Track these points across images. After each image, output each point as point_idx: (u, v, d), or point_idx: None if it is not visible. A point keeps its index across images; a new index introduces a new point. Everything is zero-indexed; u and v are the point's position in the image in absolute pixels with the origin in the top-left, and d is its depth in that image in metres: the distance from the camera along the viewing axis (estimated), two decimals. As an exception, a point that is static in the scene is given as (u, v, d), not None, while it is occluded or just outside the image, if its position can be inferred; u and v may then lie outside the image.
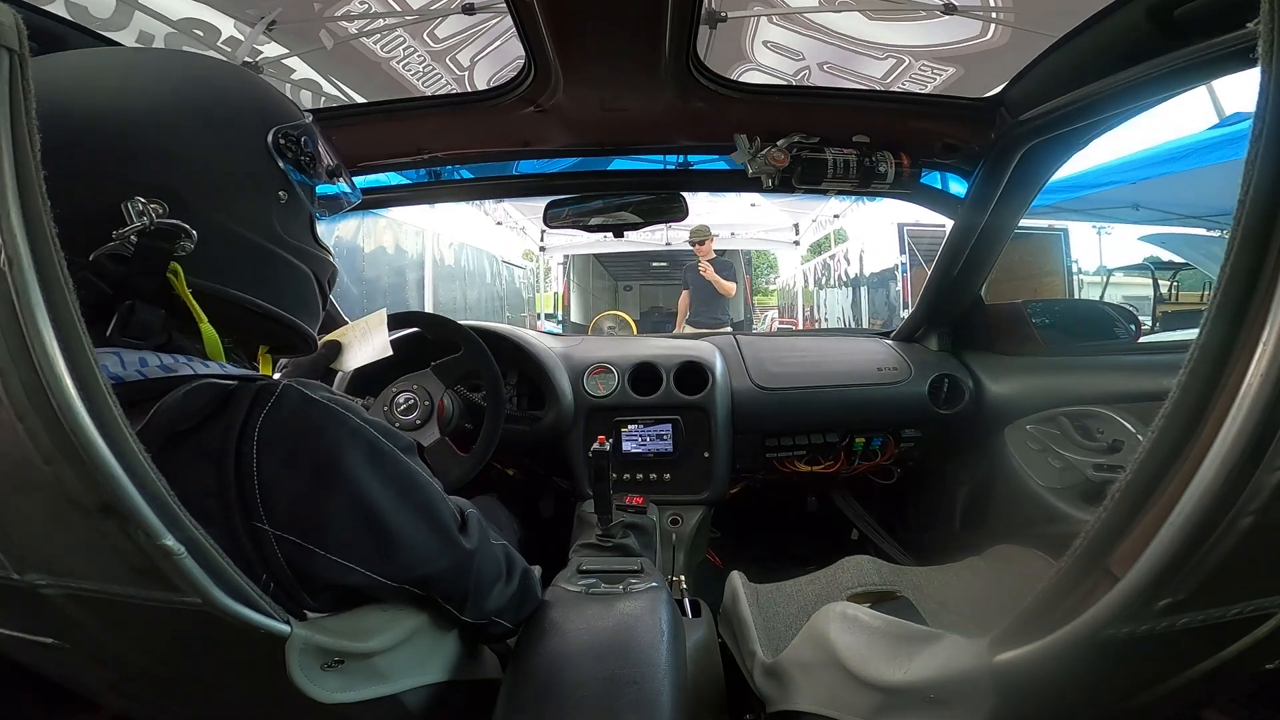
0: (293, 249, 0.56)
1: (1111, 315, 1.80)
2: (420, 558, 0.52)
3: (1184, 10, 0.69)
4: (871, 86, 1.65)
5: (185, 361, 0.47)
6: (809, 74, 1.59)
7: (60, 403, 0.31)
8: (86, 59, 0.51)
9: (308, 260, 0.58)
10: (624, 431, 1.37)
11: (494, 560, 0.64)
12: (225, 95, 0.53)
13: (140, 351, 0.46)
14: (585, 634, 0.68)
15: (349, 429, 0.48)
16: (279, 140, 0.54)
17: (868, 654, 0.58)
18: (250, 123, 0.53)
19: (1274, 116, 0.30)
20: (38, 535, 0.39)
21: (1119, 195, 4.13)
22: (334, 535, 0.46)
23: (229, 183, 0.51)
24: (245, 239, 0.52)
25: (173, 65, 0.52)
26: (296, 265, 0.57)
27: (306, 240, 0.59)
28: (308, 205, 0.60)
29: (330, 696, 0.46)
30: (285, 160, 0.55)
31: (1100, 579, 0.37)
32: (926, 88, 1.59)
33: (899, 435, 1.45)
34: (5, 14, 0.29)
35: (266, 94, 0.57)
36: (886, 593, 0.97)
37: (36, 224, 0.30)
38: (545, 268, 7.31)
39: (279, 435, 0.44)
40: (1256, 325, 0.31)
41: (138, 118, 0.47)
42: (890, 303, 5.86)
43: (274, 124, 0.55)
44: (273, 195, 0.55)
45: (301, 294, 0.58)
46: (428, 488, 0.54)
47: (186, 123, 0.49)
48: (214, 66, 0.56)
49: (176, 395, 0.43)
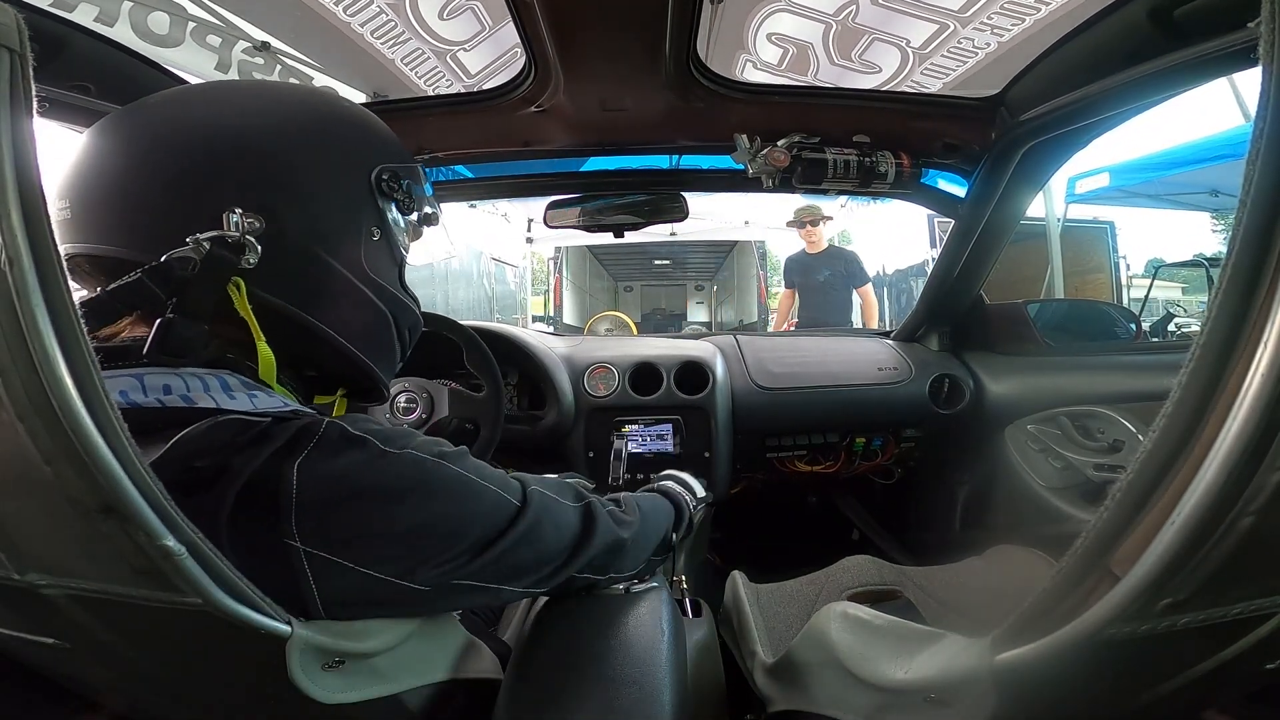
0: (375, 287, 0.56)
1: (1112, 315, 1.80)
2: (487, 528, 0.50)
3: (1184, 10, 0.69)
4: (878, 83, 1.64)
5: (210, 391, 0.46)
6: (816, 66, 1.58)
7: (61, 403, 0.31)
8: (211, 86, 0.55)
9: (389, 302, 0.57)
10: (625, 432, 1.37)
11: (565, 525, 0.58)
12: (337, 124, 0.55)
13: (167, 376, 0.45)
14: (585, 634, 0.68)
15: (390, 457, 0.46)
16: (382, 177, 0.55)
17: (868, 654, 0.58)
18: (357, 154, 0.55)
19: (1275, 116, 0.30)
20: (38, 535, 0.39)
21: (1195, 179, 3.89)
22: (369, 550, 0.45)
23: (326, 209, 0.52)
24: (330, 267, 0.52)
25: (292, 92, 0.56)
26: (376, 305, 0.56)
27: (393, 282, 0.58)
28: (400, 247, 0.59)
29: (331, 696, 0.46)
30: (385, 198, 0.55)
31: (1101, 579, 0.37)
32: (937, 85, 1.58)
33: (899, 435, 1.45)
34: (5, 14, 0.29)
35: (379, 131, 0.58)
36: (887, 592, 0.97)
37: (36, 224, 0.30)
38: (534, 263, 6.91)
39: (320, 469, 0.43)
40: (1258, 325, 0.31)
41: (253, 135, 0.49)
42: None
43: (381, 161, 0.56)
44: (366, 230, 0.55)
45: (378, 335, 0.57)
46: (478, 484, 0.51)
47: (296, 145, 0.51)
48: (332, 98, 0.58)
49: (200, 428, 0.42)
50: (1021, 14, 1.35)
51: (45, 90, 0.30)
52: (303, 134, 0.52)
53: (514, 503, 0.53)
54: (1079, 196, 4.43)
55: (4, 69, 0.29)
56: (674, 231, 5.41)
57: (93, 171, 0.48)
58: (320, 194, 0.51)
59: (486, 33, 1.69)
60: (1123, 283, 5.13)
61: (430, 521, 0.47)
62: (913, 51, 1.58)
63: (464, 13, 1.67)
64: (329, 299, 0.53)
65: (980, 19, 1.45)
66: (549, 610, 0.72)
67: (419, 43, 1.76)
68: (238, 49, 1.71)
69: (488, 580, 0.51)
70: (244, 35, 1.69)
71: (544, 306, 6.95)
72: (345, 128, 0.55)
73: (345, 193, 0.53)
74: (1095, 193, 4.32)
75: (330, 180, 0.52)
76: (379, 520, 0.45)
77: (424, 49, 1.78)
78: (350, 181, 0.54)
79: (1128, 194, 4.31)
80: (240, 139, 0.49)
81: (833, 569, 1.03)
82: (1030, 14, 1.35)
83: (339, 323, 0.53)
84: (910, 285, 5.59)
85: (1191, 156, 3.67)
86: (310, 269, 0.51)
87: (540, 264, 7.30)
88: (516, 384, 1.41)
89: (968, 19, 1.46)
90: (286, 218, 0.49)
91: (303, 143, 0.51)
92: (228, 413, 0.45)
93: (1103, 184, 4.17)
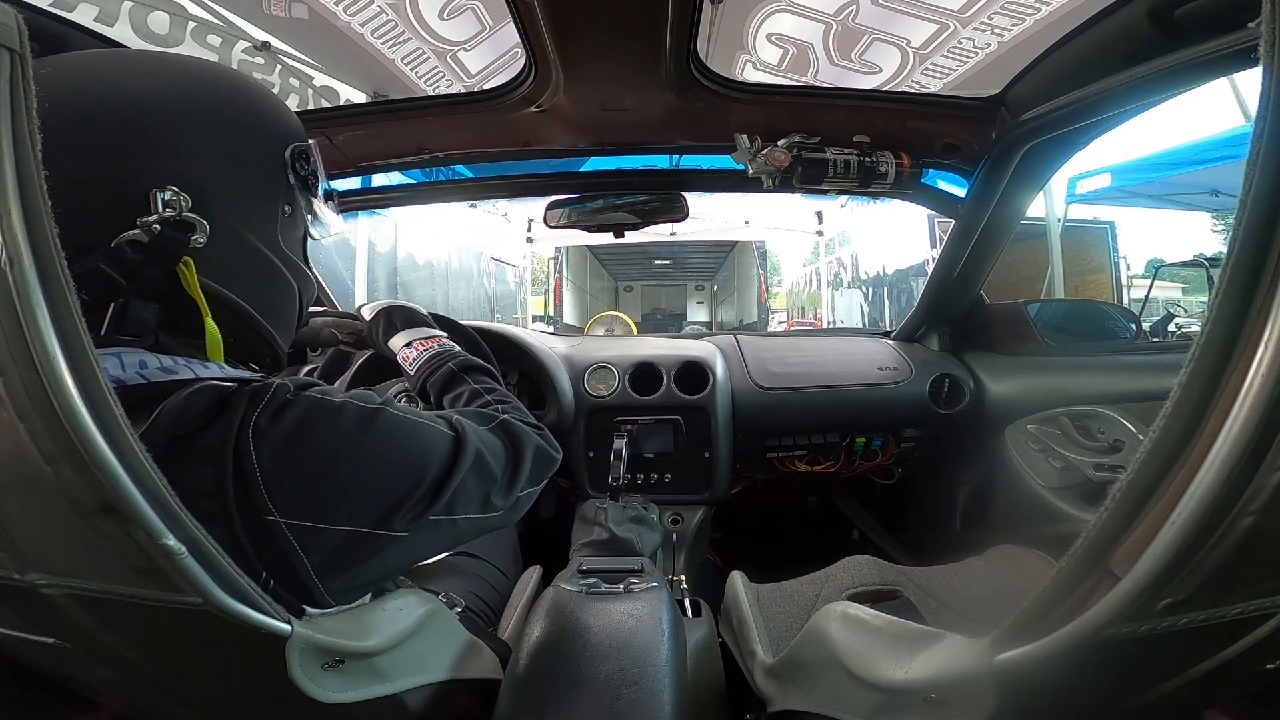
0: (287, 261, 0.57)
1: (1112, 315, 1.80)
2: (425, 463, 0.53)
3: (1185, 10, 0.69)
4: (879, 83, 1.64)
5: (184, 363, 0.47)
6: (816, 66, 1.58)
7: (61, 403, 0.31)
8: (124, 55, 0.53)
9: (296, 275, 0.59)
10: (625, 431, 1.37)
11: (495, 446, 0.62)
12: (254, 103, 0.55)
13: (139, 353, 0.46)
14: (586, 634, 0.68)
15: (332, 408, 0.49)
16: (294, 154, 0.57)
17: (868, 654, 0.58)
18: (272, 133, 0.56)
19: (1275, 116, 0.30)
20: (39, 535, 0.39)
21: (1196, 179, 3.89)
22: (342, 507, 0.47)
23: (246, 187, 0.53)
24: (250, 244, 0.53)
25: (209, 69, 0.54)
26: (286, 278, 0.58)
27: (299, 255, 0.61)
28: (305, 221, 0.61)
29: (331, 696, 0.46)
30: (295, 175, 0.57)
31: (1101, 579, 0.37)
32: (938, 85, 1.58)
33: (899, 435, 1.45)
34: (5, 14, 0.29)
35: (285, 110, 0.59)
36: (887, 592, 0.97)
37: (37, 223, 0.30)
38: (534, 263, 6.89)
39: (274, 431, 0.45)
40: (1258, 324, 0.31)
41: (173, 111, 0.49)
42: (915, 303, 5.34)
43: (292, 139, 0.57)
44: (279, 206, 0.56)
45: (284, 308, 0.59)
46: (413, 423, 0.54)
47: (217, 123, 0.51)
48: (245, 77, 0.59)
49: (178, 398, 0.43)
50: (1021, 14, 1.35)
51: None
52: (220, 111, 0.52)
53: (449, 433, 0.56)
54: (1079, 196, 4.43)
55: (4, 69, 0.29)
56: (674, 231, 5.40)
57: None
58: (238, 171, 0.52)
59: (486, 33, 1.69)
60: (1123, 283, 5.12)
61: (388, 465, 0.50)
62: (913, 51, 1.58)
63: (464, 13, 1.67)
64: (248, 274, 0.54)
65: (980, 19, 1.45)
66: (549, 610, 0.72)
67: (419, 43, 1.76)
68: (238, 49, 1.71)
69: (456, 512, 0.55)
70: (244, 35, 1.69)
71: (544, 306, 6.94)
72: (262, 105, 0.56)
73: (262, 170, 0.54)
74: (1096, 193, 4.32)
75: (247, 157, 0.53)
76: (343, 473, 0.48)
77: (424, 49, 1.78)
78: (267, 159, 0.55)
79: (1128, 194, 4.31)
80: (156, 115, 0.48)
81: (833, 569, 1.03)
82: (1030, 14, 1.35)
83: (252, 296, 0.54)
84: (910, 285, 5.56)
85: (1192, 157, 3.66)
86: (233, 246, 0.52)
87: (540, 264, 7.30)
88: (516, 384, 1.41)
89: (968, 19, 1.46)
90: (209, 195, 0.49)
91: (220, 120, 0.51)
92: (201, 380, 0.46)
93: (1104, 184, 4.16)
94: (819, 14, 1.48)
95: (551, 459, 0.69)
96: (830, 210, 5.98)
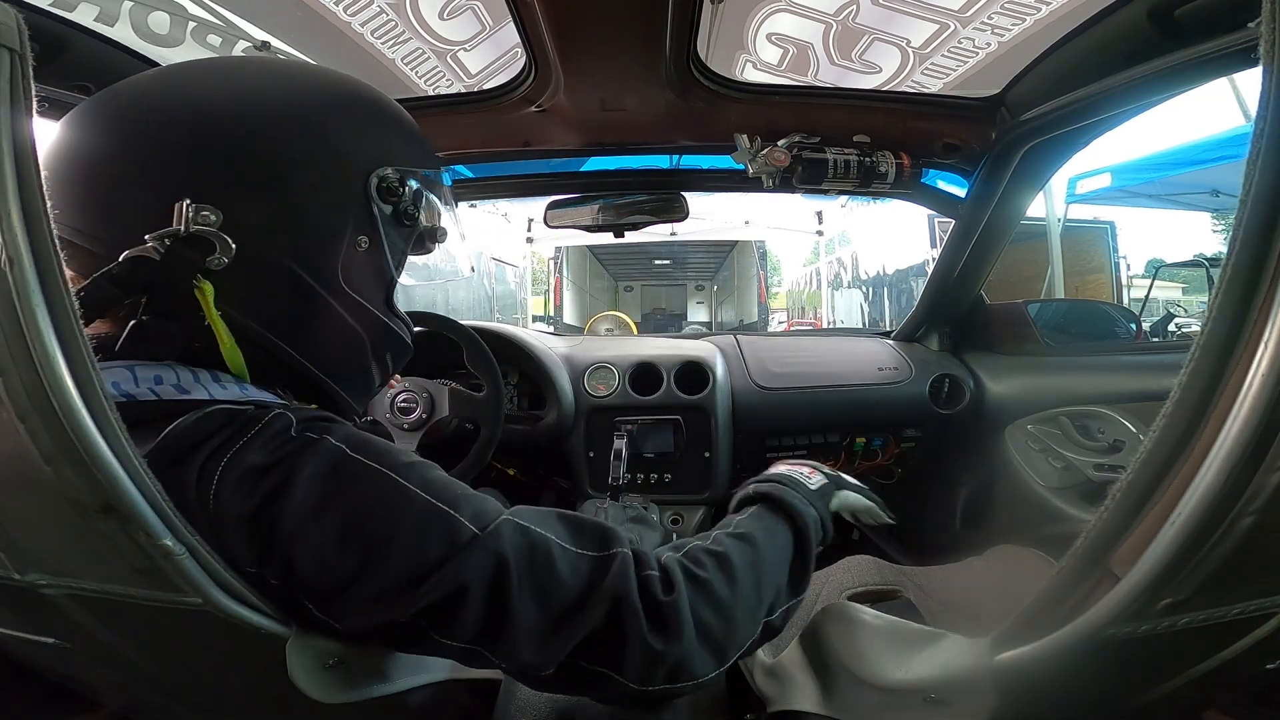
0: (352, 306, 0.49)
1: (1112, 315, 1.80)
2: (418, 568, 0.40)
3: (1185, 10, 0.69)
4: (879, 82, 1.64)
5: (201, 382, 0.44)
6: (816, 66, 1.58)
7: (61, 403, 0.31)
8: (211, 65, 0.50)
9: (368, 326, 0.50)
10: (625, 431, 1.37)
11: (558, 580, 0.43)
12: (335, 111, 0.48)
13: (158, 367, 0.43)
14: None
15: (320, 452, 0.41)
16: (384, 178, 0.48)
17: (868, 654, 0.58)
18: (354, 148, 0.48)
19: (1275, 116, 0.30)
20: (38, 535, 0.39)
21: (1196, 179, 3.88)
22: (315, 567, 0.40)
23: (299, 211, 0.45)
24: (297, 278, 0.46)
25: (284, 70, 0.49)
26: (350, 326, 0.49)
27: (376, 302, 0.51)
28: (389, 263, 0.51)
29: (331, 697, 0.46)
30: (384, 204, 0.48)
31: (1101, 579, 0.37)
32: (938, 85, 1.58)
33: (900, 435, 1.44)
34: (5, 14, 0.29)
35: (394, 124, 0.51)
36: (887, 592, 0.97)
37: (37, 224, 0.30)
38: (534, 263, 6.86)
39: (238, 467, 0.39)
40: (1258, 325, 0.31)
41: (215, 118, 0.44)
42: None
43: (389, 160, 0.49)
44: (351, 239, 0.48)
45: (343, 356, 0.51)
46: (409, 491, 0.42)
47: (271, 133, 0.45)
48: (342, 81, 0.50)
49: (189, 420, 0.41)
50: (1021, 14, 1.35)
51: (45, 90, 0.30)
52: (283, 120, 0.45)
53: (469, 529, 0.41)
54: (1079, 196, 4.43)
55: (4, 69, 0.29)
56: (674, 231, 5.38)
57: (56, 154, 0.44)
58: (294, 192, 0.45)
59: (487, 33, 1.69)
60: (1123, 283, 5.10)
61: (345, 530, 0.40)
62: (913, 51, 1.57)
63: (464, 13, 1.67)
64: (294, 316, 0.47)
65: (980, 19, 1.45)
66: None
67: (419, 43, 1.76)
68: (238, 49, 1.71)
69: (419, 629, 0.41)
70: (244, 35, 1.69)
71: (544, 306, 6.93)
72: (345, 116, 0.48)
73: (329, 193, 0.46)
74: (1096, 193, 4.32)
75: (310, 177, 0.45)
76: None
77: (424, 49, 1.78)
78: (337, 180, 0.47)
79: (1128, 194, 4.31)
80: (199, 122, 0.43)
81: (833, 569, 1.03)
82: (1030, 14, 1.35)
83: (303, 344, 0.47)
84: (910, 285, 5.53)
85: (1192, 157, 3.66)
86: (272, 280, 0.45)
87: (540, 264, 7.30)
88: (516, 384, 1.41)
89: (968, 19, 1.46)
90: (247, 216, 0.43)
91: (279, 131, 0.45)
92: (217, 402, 0.43)
93: (1104, 184, 4.16)
94: (819, 14, 1.48)
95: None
96: (830, 210, 5.98)
